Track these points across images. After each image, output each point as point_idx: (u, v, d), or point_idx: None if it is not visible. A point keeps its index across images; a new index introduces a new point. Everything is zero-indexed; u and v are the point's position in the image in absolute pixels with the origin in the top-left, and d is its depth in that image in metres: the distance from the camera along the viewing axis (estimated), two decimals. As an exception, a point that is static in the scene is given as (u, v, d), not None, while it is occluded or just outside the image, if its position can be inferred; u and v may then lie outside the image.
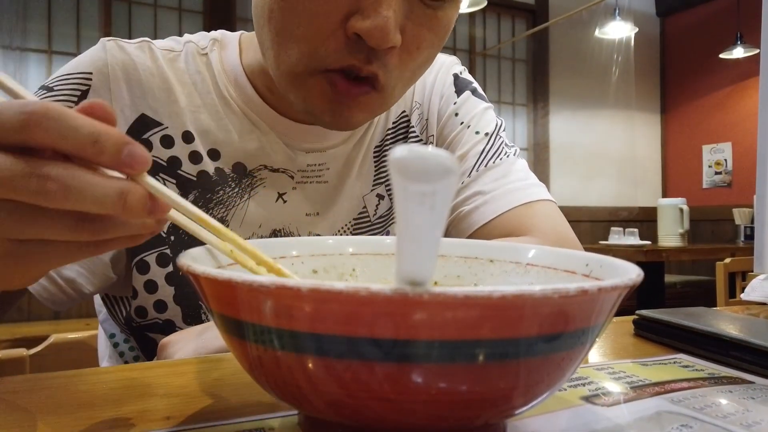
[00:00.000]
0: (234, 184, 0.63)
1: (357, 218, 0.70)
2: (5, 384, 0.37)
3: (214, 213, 0.62)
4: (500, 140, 0.73)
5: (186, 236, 0.61)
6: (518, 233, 0.66)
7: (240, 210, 0.63)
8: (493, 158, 0.71)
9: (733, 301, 2.17)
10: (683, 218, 3.30)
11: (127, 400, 0.34)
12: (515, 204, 0.67)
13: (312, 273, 0.39)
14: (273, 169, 0.65)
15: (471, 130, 0.72)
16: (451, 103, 0.73)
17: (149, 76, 0.61)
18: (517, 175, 0.70)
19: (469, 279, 0.40)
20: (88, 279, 0.57)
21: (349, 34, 0.50)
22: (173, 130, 0.62)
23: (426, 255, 0.21)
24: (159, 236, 0.61)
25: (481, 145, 0.71)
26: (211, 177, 0.62)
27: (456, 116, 0.73)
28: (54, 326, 2.69)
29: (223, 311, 0.25)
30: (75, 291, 0.57)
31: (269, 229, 0.65)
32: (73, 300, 0.59)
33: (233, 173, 0.63)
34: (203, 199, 0.62)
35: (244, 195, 0.64)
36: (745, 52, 3.98)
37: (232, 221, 0.63)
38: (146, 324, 0.63)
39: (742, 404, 0.34)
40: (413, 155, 0.19)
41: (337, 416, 0.25)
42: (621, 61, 4.74)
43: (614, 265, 0.31)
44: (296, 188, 0.66)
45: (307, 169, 0.66)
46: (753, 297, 0.78)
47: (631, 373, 0.41)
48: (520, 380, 0.23)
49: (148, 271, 0.61)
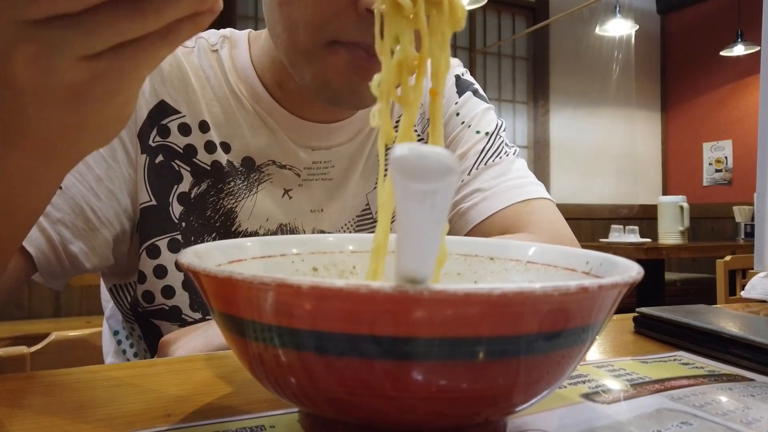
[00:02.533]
0: (243, 177, 0.65)
1: (360, 215, 0.71)
2: (6, 382, 0.37)
3: (224, 203, 0.64)
4: (500, 140, 0.74)
5: (197, 223, 0.63)
6: (515, 230, 0.67)
7: (249, 202, 0.65)
8: (493, 157, 0.72)
9: (733, 299, 2.17)
10: (683, 216, 3.30)
11: (127, 398, 0.34)
12: (513, 201, 0.68)
13: (312, 271, 0.39)
14: (280, 165, 0.66)
15: (471, 130, 0.73)
16: (452, 103, 0.74)
17: (167, 66, 0.63)
18: (516, 173, 0.71)
19: (469, 276, 0.40)
20: (88, 256, 0.57)
21: (361, 11, 0.51)
22: (191, 118, 0.63)
23: (426, 253, 0.21)
24: (171, 222, 0.62)
25: (481, 144, 0.72)
26: (223, 168, 0.64)
27: (457, 116, 0.74)
28: (55, 324, 2.69)
29: (223, 309, 0.25)
30: (73, 266, 0.57)
31: (276, 223, 0.66)
32: (68, 275, 0.58)
33: (242, 167, 0.65)
34: (215, 189, 0.63)
35: (252, 189, 0.65)
36: (746, 49, 3.97)
37: (240, 213, 0.64)
38: (152, 309, 0.63)
39: (742, 401, 0.34)
40: (414, 154, 0.19)
41: (338, 413, 0.25)
42: (621, 59, 4.73)
43: (614, 262, 0.31)
44: (302, 185, 0.67)
45: (312, 167, 0.67)
46: (753, 294, 0.78)
47: (631, 370, 0.41)
48: (520, 378, 0.23)
49: (158, 255, 0.62)
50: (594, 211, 4.49)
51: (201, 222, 0.63)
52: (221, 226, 0.64)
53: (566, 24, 4.42)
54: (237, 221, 0.65)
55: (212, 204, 0.64)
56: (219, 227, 0.64)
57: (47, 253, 0.54)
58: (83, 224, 0.57)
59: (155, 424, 0.30)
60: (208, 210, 0.64)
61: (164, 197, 0.62)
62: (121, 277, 0.65)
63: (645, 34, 4.79)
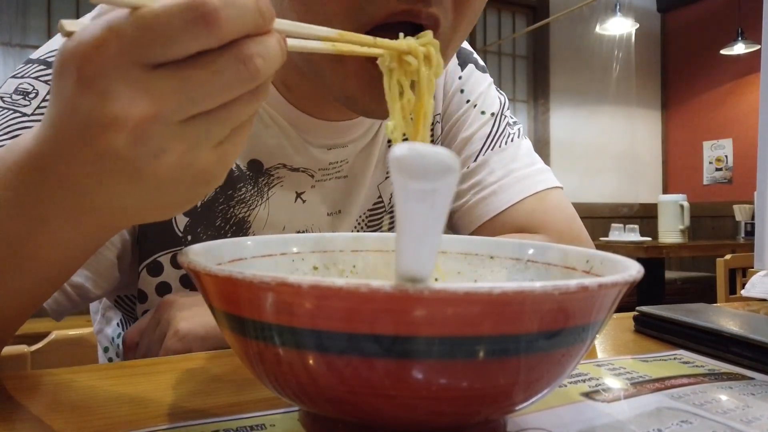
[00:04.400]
0: (251, 183, 0.59)
1: (372, 209, 0.67)
2: (6, 380, 0.37)
3: (236, 212, 0.59)
4: (505, 120, 0.70)
5: (205, 235, 0.58)
6: (530, 230, 0.64)
7: (262, 211, 0.60)
8: (500, 141, 0.68)
9: (733, 298, 2.17)
10: (684, 215, 3.29)
11: (127, 397, 0.34)
12: (524, 195, 0.65)
13: (313, 270, 0.39)
14: (292, 168, 0.60)
15: (477, 110, 0.69)
16: (455, 77, 0.70)
17: None
18: (523, 160, 0.68)
19: (469, 275, 0.40)
20: (95, 282, 0.55)
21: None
22: None
23: (426, 252, 0.21)
24: (173, 235, 0.57)
25: (487, 128, 0.68)
26: (233, 172, 0.58)
27: (462, 93, 0.69)
28: (55, 323, 2.68)
29: (224, 308, 0.25)
30: (81, 296, 0.55)
31: (292, 230, 0.62)
32: (77, 307, 0.56)
33: (249, 171, 0.59)
34: (224, 195, 0.58)
35: (263, 195, 0.60)
36: (746, 48, 3.97)
37: (254, 222, 0.60)
38: None
39: (742, 400, 0.34)
40: (414, 153, 0.19)
41: (338, 412, 0.25)
42: (622, 58, 4.73)
43: (614, 261, 0.31)
44: (315, 186, 0.62)
45: (328, 167, 0.62)
46: (753, 293, 0.78)
47: (631, 369, 0.41)
48: (520, 376, 0.23)
49: (161, 272, 0.58)
50: (594, 210, 4.48)
51: (210, 234, 0.58)
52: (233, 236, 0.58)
53: (566, 22, 4.41)
54: (251, 232, 0.60)
55: (222, 213, 0.59)
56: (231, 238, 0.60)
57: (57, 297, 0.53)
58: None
59: (155, 424, 0.30)
60: (217, 219, 0.59)
61: None
62: (125, 288, 0.62)
63: (645, 32, 4.78)
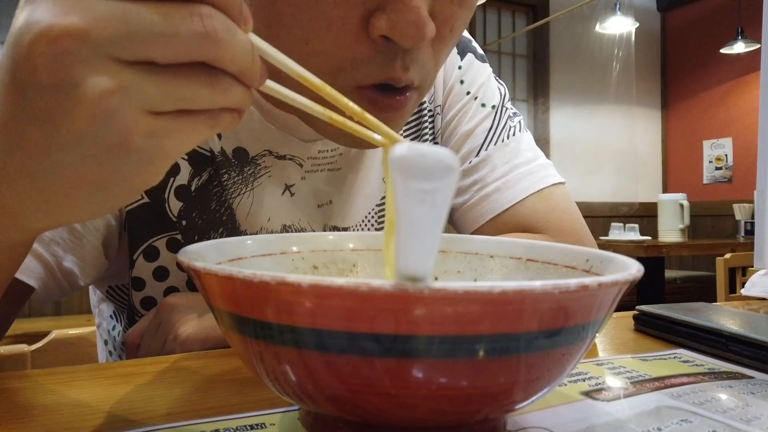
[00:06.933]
0: (236, 171, 0.57)
1: (380, 204, 0.65)
2: (6, 380, 0.38)
3: (227, 196, 0.58)
4: (506, 113, 0.69)
5: (200, 219, 0.57)
6: (533, 229, 0.63)
7: (246, 200, 0.58)
8: (501, 136, 0.67)
9: (733, 297, 2.17)
10: (683, 214, 3.30)
11: (128, 396, 0.34)
12: (527, 193, 0.64)
13: (312, 269, 0.39)
14: (279, 156, 0.58)
15: (478, 103, 0.68)
16: (455, 66, 0.68)
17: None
18: (525, 155, 0.67)
19: (469, 274, 0.40)
20: (82, 269, 0.54)
21: (375, 37, 0.41)
22: None
23: (426, 251, 0.21)
24: (168, 220, 0.56)
25: (488, 121, 0.67)
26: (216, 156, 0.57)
27: (462, 84, 0.68)
28: (55, 322, 2.69)
29: (224, 307, 0.25)
30: (70, 284, 0.54)
31: (279, 224, 0.60)
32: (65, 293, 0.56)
33: (234, 159, 0.57)
34: (217, 179, 0.57)
35: (248, 185, 0.58)
36: (746, 47, 3.97)
37: (238, 210, 0.58)
38: None
39: (742, 399, 0.34)
40: (414, 153, 0.19)
41: (338, 411, 0.25)
42: (621, 57, 4.73)
43: (614, 260, 0.31)
44: (305, 178, 0.60)
45: (318, 156, 0.59)
46: (753, 292, 0.78)
47: (631, 368, 0.41)
48: (520, 375, 0.23)
49: (157, 257, 0.57)
50: (594, 209, 4.49)
51: (205, 218, 0.57)
52: (228, 220, 0.58)
53: (566, 21, 4.41)
54: (237, 221, 0.58)
55: (216, 195, 0.57)
56: (226, 221, 0.58)
57: (46, 280, 0.52)
58: (69, 235, 0.53)
59: (155, 423, 0.30)
60: (212, 203, 0.57)
61: (158, 193, 0.56)
62: (114, 278, 0.61)
63: (645, 31, 4.78)
